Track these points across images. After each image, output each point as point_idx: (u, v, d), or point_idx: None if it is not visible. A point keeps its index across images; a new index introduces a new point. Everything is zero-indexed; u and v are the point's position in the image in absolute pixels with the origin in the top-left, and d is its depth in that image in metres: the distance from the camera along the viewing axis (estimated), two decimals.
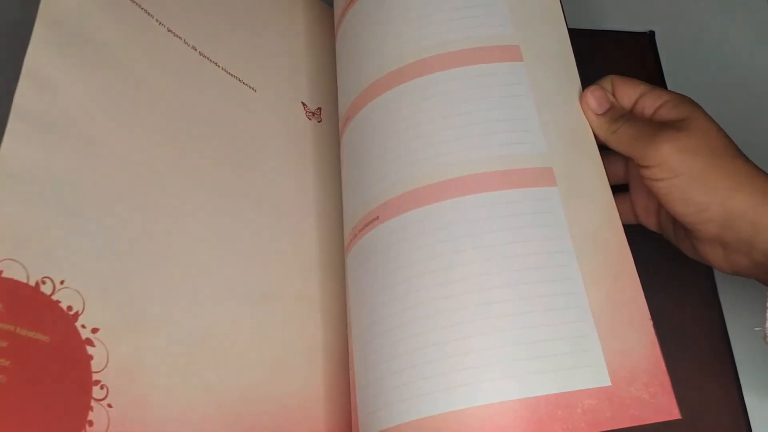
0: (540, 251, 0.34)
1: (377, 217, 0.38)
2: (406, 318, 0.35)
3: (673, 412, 0.31)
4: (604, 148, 0.38)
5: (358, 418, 0.37)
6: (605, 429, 0.31)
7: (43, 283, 0.30)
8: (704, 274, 0.46)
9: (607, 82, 0.39)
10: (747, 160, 0.35)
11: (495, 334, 0.33)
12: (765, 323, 0.33)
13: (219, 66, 0.44)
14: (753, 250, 0.34)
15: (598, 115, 0.37)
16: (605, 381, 0.32)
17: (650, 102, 0.37)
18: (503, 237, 0.35)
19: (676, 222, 0.38)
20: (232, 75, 0.44)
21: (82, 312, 0.31)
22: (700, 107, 0.36)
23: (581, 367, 0.33)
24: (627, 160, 0.40)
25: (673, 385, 0.32)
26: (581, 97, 0.38)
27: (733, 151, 0.35)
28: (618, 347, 0.33)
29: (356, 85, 0.42)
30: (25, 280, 0.29)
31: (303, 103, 0.48)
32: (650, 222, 0.41)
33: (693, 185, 0.34)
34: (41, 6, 0.34)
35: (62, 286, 0.30)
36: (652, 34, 0.57)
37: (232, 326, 0.37)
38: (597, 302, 0.34)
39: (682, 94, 0.37)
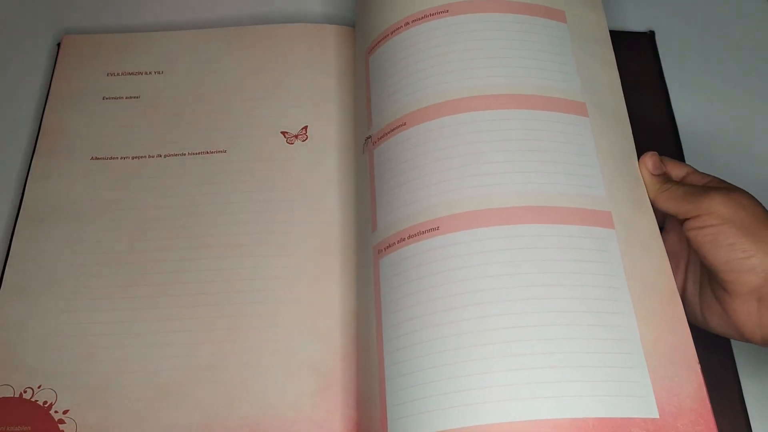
0: (597, 284, 0.37)
1: (437, 228, 0.40)
2: (460, 329, 0.37)
3: None
4: None
5: (386, 424, 0.37)
6: None
7: (25, 392, 0.42)
8: None
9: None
10: None
11: (549, 356, 0.35)
12: None
13: (185, 154, 0.50)
14: None
15: (653, 174, 0.41)
16: (654, 413, 0.34)
17: (696, 179, 0.41)
18: (562, 266, 0.38)
19: (704, 289, 0.40)
20: (197, 153, 0.50)
21: (55, 402, 0.42)
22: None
23: (631, 396, 0.35)
24: (664, 234, 0.42)
25: None
26: (640, 158, 0.42)
27: None
28: (667, 384, 0.35)
29: (408, 103, 0.44)
30: (11, 395, 0.42)
31: (283, 132, 0.51)
32: None
33: (741, 232, 0.36)
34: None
35: (39, 390, 0.42)
36: (652, 34, 0.56)
37: (189, 376, 0.43)
38: (649, 340, 0.36)
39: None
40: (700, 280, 0.40)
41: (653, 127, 0.52)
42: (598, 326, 0.36)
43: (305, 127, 0.51)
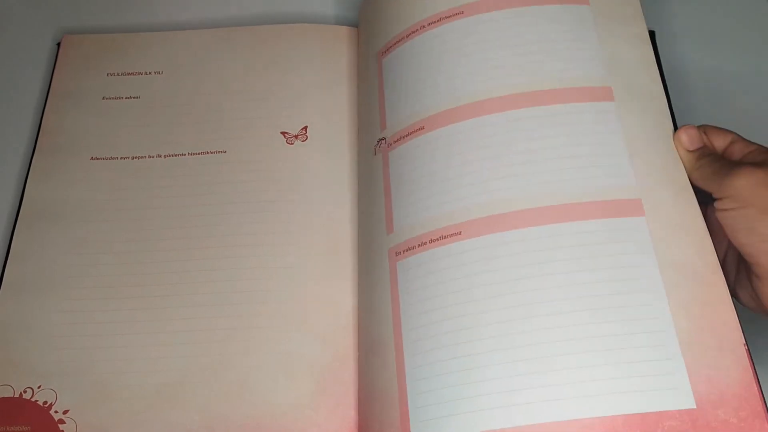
0: (626, 277, 0.37)
1: (459, 233, 0.40)
2: (485, 334, 0.37)
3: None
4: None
5: (409, 426, 0.37)
6: None
7: (25, 392, 0.42)
8: None
9: (701, 128, 0.41)
10: None
11: (577, 354, 0.35)
12: None
13: (185, 154, 0.50)
14: None
15: (689, 151, 0.40)
16: (690, 403, 0.34)
17: (739, 148, 0.40)
18: (587, 263, 0.37)
19: (739, 266, 0.39)
20: (197, 154, 0.50)
21: (55, 402, 0.42)
22: None
23: (664, 389, 0.34)
24: (705, 208, 0.41)
25: None
26: (675, 134, 0.41)
27: None
28: (706, 372, 0.34)
29: (427, 107, 0.45)
30: (11, 395, 0.42)
31: (283, 133, 0.51)
32: None
33: (760, 217, 0.36)
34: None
35: (39, 390, 0.42)
36: (652, 34, 0.56)
37: (188, 375, 0.43)
38: (684, 327, 0.36)
39: None
40: (738, 257, 0.39)
41: None
42: (626, 321, 0.36)
43: (305, 128, 0.51)
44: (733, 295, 0.39)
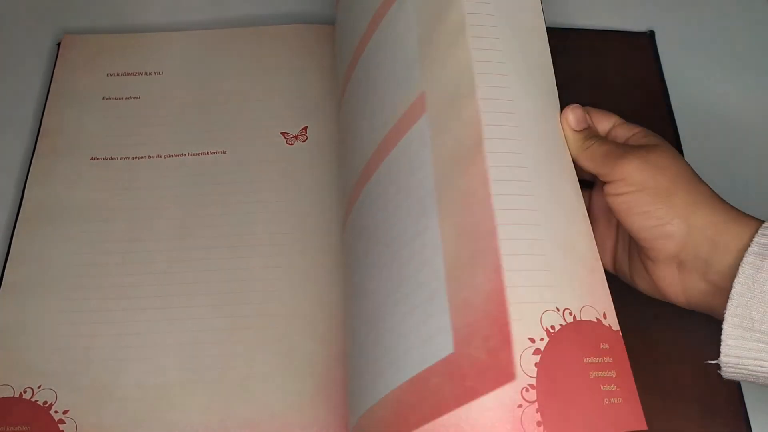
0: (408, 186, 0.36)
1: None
2: None
3: (509, 373, 0.28)
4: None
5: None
6: (448, 412, 0.29)
7: (25, 392, 0.42)
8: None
9: (583, 109, 0.40)
10: (706, 184, 0.36)
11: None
12: (720, 355, 0.33)
13: (185, 154, 0.51)
14: (709, 270, 0.35)
15: (575, 131, 0.38)
16: (448, 348, 0.30)
17: (622, 132, 0.39)
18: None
19: (632, 252, 0.39)
20: (197, 154, 0.50)
21: (55, 402, 0.42)
22: (666, 141, 0.38)
23: (428, 339, 0.31)
24: (590, 194, 0.41)
25: None
26: (562, 113, 0.38)
27: (695, 176, 0.36)
28: (464, 295, 0.31)
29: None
30: (11, 395, 0.42)
31: (283, 133, 0.51)
32: (606, 261, 0.41)
33: (656, 199, 0.35)
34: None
35: (39, 390, 0.42)
36: (652, 34, 0.56)
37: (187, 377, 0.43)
38: (449, 244, 0.32)
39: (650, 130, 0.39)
40: (629, 243, 0.39)
41: (652, 126, 0.52)
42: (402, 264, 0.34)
43: (305, 128, 0.51)
44: (632, 284, 0.39)
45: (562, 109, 0.39)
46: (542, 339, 0.30)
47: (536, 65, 0.39)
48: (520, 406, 0.29)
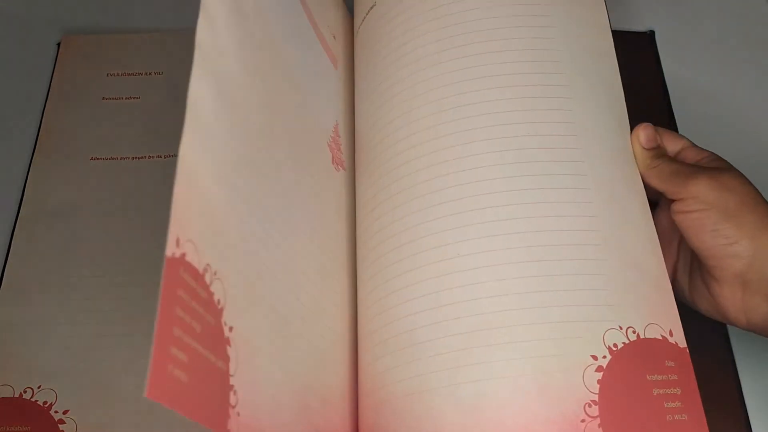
0: None
1: None
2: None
3: None
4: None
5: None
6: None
7: (25, 392, 0.42)
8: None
9: (654, 129, 0.41)
10: None
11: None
12: None
13: None
14: None
15: (644, 149, 0.39)
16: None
17: (691, 154, 0.40)
18: None
19: (693, 272, 0.39)
20: None
21: (55, 402, 0.42)
22: (733, 166, 0.39)
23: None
24: (654, 211, 0.41)
25: None
26: (633, 129, 0.40)
27: (763, 199, 0.37)
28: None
29: None
30: (11, 395, 0.42)
31: None
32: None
33: (725, 218, 0.35)
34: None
35: (39, 390, 0.42)
36: (652, 34, 0.56)
37: None
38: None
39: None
40: (690, 262, 0.39)
41: None
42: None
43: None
44: (691, 303, 0.39)
45: (632, 127, 0.40)
46: (605, 357, 0.33)
47: (603, 85, 0.40)
48: (583, 420, 0.32)
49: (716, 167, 0.38)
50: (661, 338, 0.34)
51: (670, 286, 0.36)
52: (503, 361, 0.34)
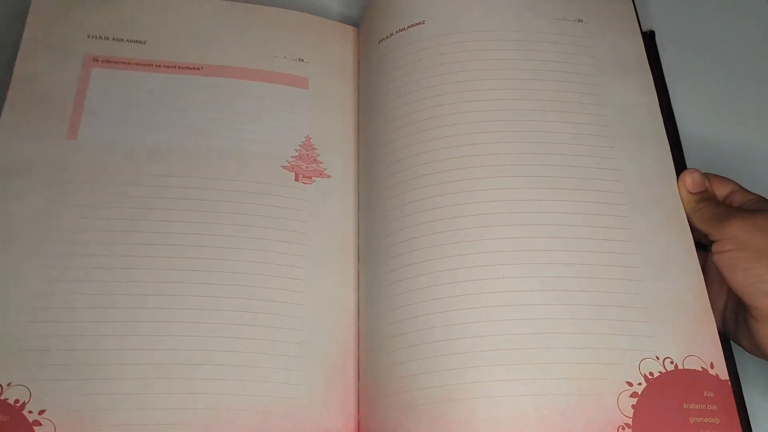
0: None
1: None
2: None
3: None
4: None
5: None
6: None
7: None
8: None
9: (705, 174, 0.43)
10: None
11: None
12: None
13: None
14: None
15: (690, 193, 0.42)
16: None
17: (739, 197, 0.42)
18: None
19: (738, 312, 0.40)
20: None
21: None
22: None
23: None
24: (705, 255, 0.43)
25: None
26: (680, 176, 0.43)
27: None
28: None
29: None
30: None
31: None
32: (717, 320, 0.41)
33: (756, 257, 0.37)
34: None
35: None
36: (652, 34, 0.56)
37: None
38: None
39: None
40: (737, 302, 0.40)
41: None
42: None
43: None
44: (737, 342, 0.41)
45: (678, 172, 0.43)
46: (640, 383, 0.36)
47: (648, 134, 0.45)
48: None
49: (757, 209, 0.39)
50: (701, 369, 0.37)
51: (713, 321, 0.39)
52: (544, 380, 0.36)
